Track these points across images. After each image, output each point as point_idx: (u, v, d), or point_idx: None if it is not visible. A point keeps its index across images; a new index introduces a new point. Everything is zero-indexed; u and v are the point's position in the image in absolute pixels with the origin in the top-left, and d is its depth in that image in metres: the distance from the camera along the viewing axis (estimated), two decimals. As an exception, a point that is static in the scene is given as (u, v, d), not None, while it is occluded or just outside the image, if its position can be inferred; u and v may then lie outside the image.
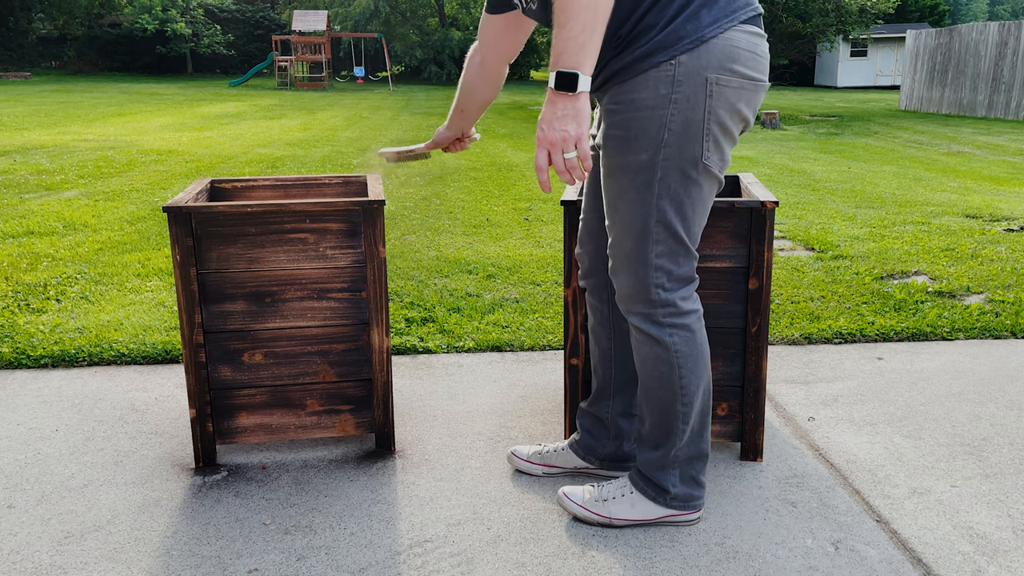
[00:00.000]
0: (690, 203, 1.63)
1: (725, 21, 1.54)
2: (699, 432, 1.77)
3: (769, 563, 1.71)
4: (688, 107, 1.55)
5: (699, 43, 1.53)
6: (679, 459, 1.78)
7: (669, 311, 1.68)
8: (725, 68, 1.55)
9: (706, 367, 1.74)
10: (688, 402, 1.73)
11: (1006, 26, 15.89)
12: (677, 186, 1.61)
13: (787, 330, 3.12)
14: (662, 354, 1.70)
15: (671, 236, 1.64)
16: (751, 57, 1.58)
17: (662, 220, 1.63)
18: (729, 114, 1.59)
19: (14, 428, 2.34)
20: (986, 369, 2.77)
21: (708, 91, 1.55)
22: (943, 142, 11.18)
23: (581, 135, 1.46)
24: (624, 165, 1.62)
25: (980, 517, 1.87)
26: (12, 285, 3.69)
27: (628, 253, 1.67)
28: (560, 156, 1.47)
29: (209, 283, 2.02)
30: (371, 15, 32.38)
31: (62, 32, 34.15)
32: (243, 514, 1.90)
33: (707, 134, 1.58)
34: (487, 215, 5.48)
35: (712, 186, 1.66)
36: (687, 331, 1.70)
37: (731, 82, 1.56)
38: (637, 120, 1.58)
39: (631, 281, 1.68)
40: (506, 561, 1.72)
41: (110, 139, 10.11)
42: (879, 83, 30.19)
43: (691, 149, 1.58)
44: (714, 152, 1.61)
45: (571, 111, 1.45)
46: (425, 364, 2.83)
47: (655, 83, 1.55)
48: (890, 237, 4.76)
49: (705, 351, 1.74)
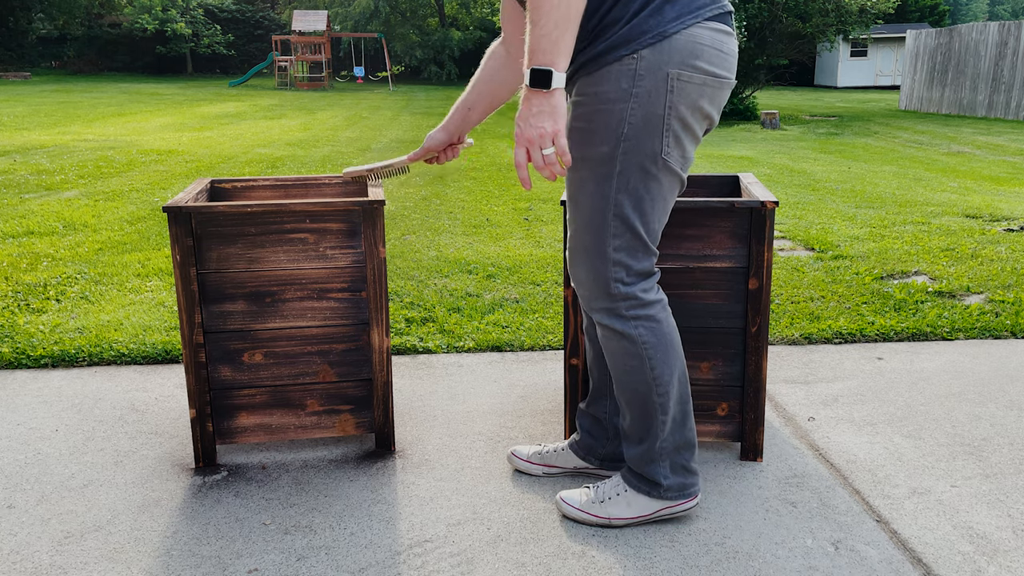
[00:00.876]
0: (649, 199, 1.63)
1: (689, 17, 1.55)
2: (681, 421, 1.77)
3: (769, 563, 1.71)
4: (648, 102, 1.55)
5: (661, 38, 1.53)
6: (666, 450, 1.77)
7: (631, 303, 1.68)
8: (687, 64, 1.55)
9: (677, 355, 1.74)
10: (664, 392, 1.73)
11: (1006, 26, 15.89)
12: (636, 181, 1.61)
13: (787, 330, 3.12)
14: (629, 347, 1.70)
15: (628, 231, 1.64)
16: (715, 54, 1.58)
17: (620, 214, 1.63)
18: (691, 110, 1.59)
19: (14, 428, 2.34)
20: (986, 369, 2.77)
21: (669, 86, 1.55)
22: (943, 142, 11.18)
23: (558, 131, 1.47)
24: (584, 158, 1.63)
25: (980, 517, 1.87)
26: (12, 285, 3.69)
27: (586, 246, 1.67)
28: (538, 152, 1.48)
29: (209, 283, 2.02)
30: (371, 15, 32.38)
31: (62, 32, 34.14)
32: (243, 514, 1.90)
33: (667, 129, 1.58)
34: (487, 215, 5.48)
35: (672, 183, 1.65)
36: (652, 321, 1.70)
37: (693, 78, 1.56)
38: (599, 113, 1.59)
39: (590, 276, 1.69)
40: (506, 561, 1.72)
41: (110, 139, 10.11)
42: (879, 83, 30.19)
43: (651, 144, 1.58)
44: (674, 148, 1.61)
45: (547, 108, 1.46)
46: (425, 364, 2.83)
47: (617, 76, 1.56)
48: (890, 237, 4.76)
49: (673, 339, 1.73)
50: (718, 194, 2.36)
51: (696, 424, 2.15)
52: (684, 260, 2.04)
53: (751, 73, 15.44)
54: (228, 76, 33.37)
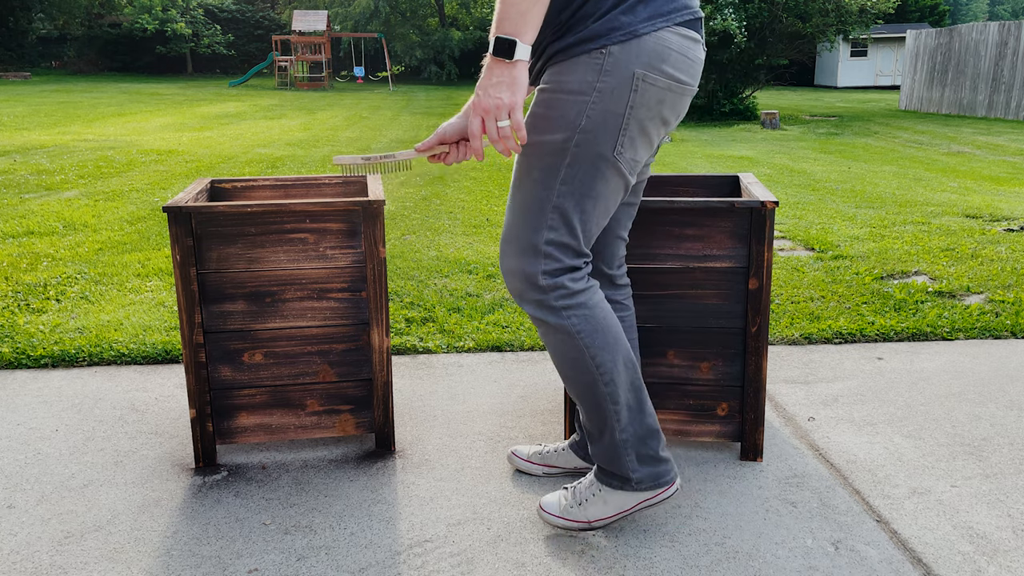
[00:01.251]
0: (592, 197, 1.60)
1: (660, 20, 1.53)
2: (638, 408, 1.72)
3: (769, 563, 1.71)
4: (611, 98, 1.53)
5: (631, 37, 1.52)
6: (628, 442, 1.72)
7: (560, 293, 1.64)
8: (654, 67, 1.53)
9: (617, 340, 1.69)
10: (609, 380, 1.68)
11: (1006, 26, 15.89)
12: (583, 176, 1.58)
13: (787, 330, 3.12)
14: (566, 339, 1.66)
15: (565, 226, 1.61)
16: (682, 59, 1.56)
17: (559, 207, 1.60)
18: (651, 114, 1.57)
19: (14, 428, 2.34)
20: (986, 369, 2.77)
21: (633, 86, 1.53)
22: (943, 142, 11.18)
23: (515, 104, 1.44)
24: (537, 143, 1.59)
25: (980, 517, 1.87)
26: (12, 285, 3.69)
27: (519, 235, 1.63)
28: (493, 123, 1.45)
29: (209, 283, 2.02)
30: (371, 15, 32.37)
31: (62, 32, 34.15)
32: (243, 514, 1.90)
33: (624, 129, 1.56)
34: (487, 215, 5.48)
35: (618, 186, 1.62)
36: (584, 308, 1.65)
37: (658, 81, 1.54)
38: (560, 101, 1.56)
39: (518, 265, 1.64)
40: (506, 561, 1.72)
41: (110, 139, 10.11)
42: (879, 83, 30.19)
43: (606, 141, 1.56)
44: (628, 149, 1.58)
45: (507, 78, 1.44)
46: (425, 364, 2.83)
47: (583, 68, 1.54)
48: (890, 237, 4.76)
49: (610, 323, 1.68)
50: (718, 194, 2.36)
51: (696, 424, 2.15)
52: (684, 260, 2.04)
53: (751, 73, 15.44)
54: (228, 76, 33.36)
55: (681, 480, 1.87)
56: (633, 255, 2.06)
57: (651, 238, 2.04)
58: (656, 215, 2.03)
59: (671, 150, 9.79)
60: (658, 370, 2.13)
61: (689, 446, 2.21)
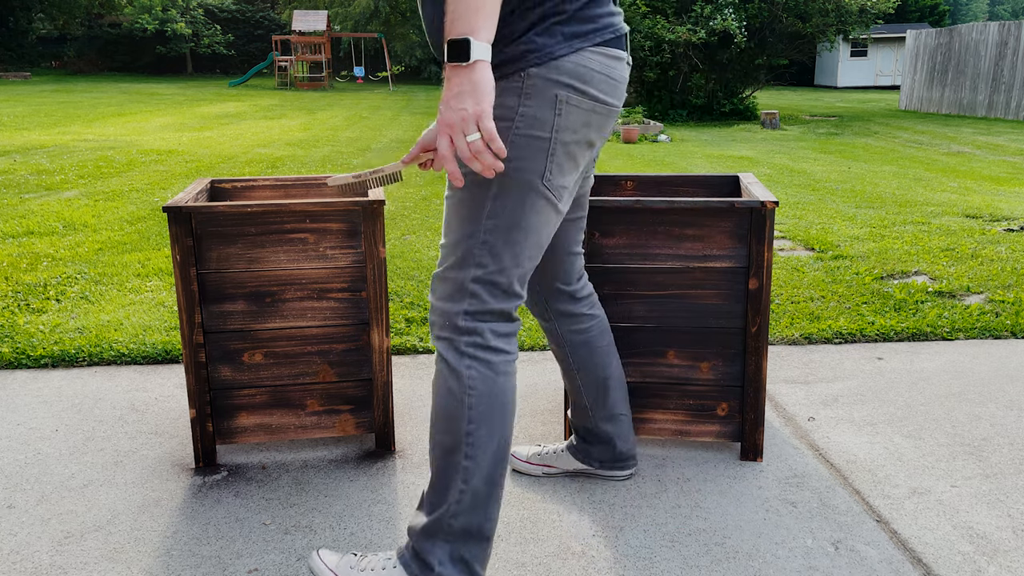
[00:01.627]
0: (523, 230, 1.48)
1: (579, 41, 1.45)
2: (483, 501, 1.50)
3: (769, 563, 1.71)
4: (534, 123, 1.44)
5: (550, 59, 1.43)
6: (452, 529, 1.49)
7: (473, 340, 1.49)
8: (576, 88, 1.45)
9: (503, 422, 1.50)
10: (472, 455, 1.48)
11: (1006, 26, 15.90)
12: (511, 208, 1.46)
13: (787, 330, 3.12)
14: (454, 387, 1.49)
15: (494, 263, 1.48)
16: (604, 80, 1.48)
17: (488, 243, 1.47)
18: (576, 137, 1.48)
19: (14, 428, 2.34)
20: (986, 369, 2.77)
21: (556, 109, 1.44)
22: (943, 142, 11.18)
23: (481, 112, 1.28)
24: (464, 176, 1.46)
25: (980, 517, 1.87)
26: (12, 285, 3.69)
27: (447, 271, 1.51)
28: (462, 139, 1.30)
29: (209, 283, 2.02)
30: (371, 15, 32.38)
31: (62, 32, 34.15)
32: (243, 514, 1.90)
33: (551, 155, 1.46)
34: (487, 215, 5.47)
35: (549, 216, 1.50)
36: (488, 368, 1.49)
37: (582, 103, 1.46)
38: None
39: (443, 302, 1.51)
40: (506, 561, 1.72)
41: (110, 139, 10.11)
42: (879, 83, 30.19)
43: (533, 169, 1.45)
44: (557, 176, 1.48)
45: (467, 86, 1.28)
46: (425, 364, 2.83)
47: (503, 94, 1.44)
48: (890, 237, 4.76)
49: (505, 403, 1.50)
50: (718, 194, 2.36)
51: (696, 424, 2.15)
52: (684, 260, 2.04)
53: (751, 73, 15.44)
54: (228, 76, 33.37)
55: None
56: (633, 255, 2.06)
57: (651, 238, 2.04)
58: (656, 215, 2.03)
59: (671, 150, 9.79)
60: (658, 370, 2.13)
61: (689, 446, 2.22)
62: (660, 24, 13.64)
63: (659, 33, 13.56)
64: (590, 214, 2.04)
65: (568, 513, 1.90)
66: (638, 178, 2.42)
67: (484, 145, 1.30)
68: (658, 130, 11.55)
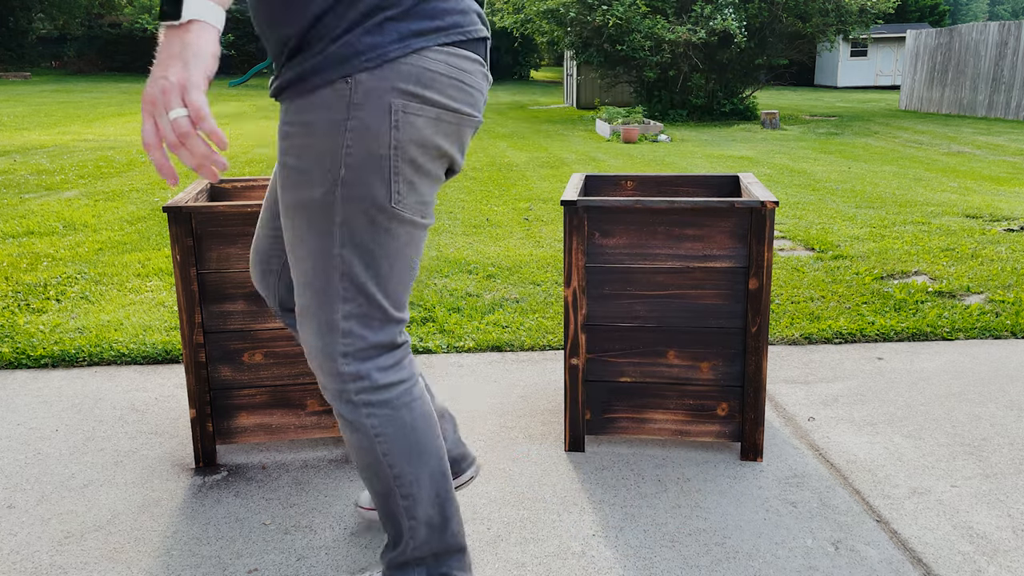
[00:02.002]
0: (383, 255, 1.33)
1: (419, 40, 1.26)
2: (439, 524, 1.45)
3: (769, 563, 1.71)
4: (369, 137, 1.25)
5: (381, 61, 1.24)
6: (420, 556, 1.46)
7: (362, 386, 1.36)
8: (414, 94, 1.26)
9: (425, 448, 1.42)
10: (408, 494, 1.41)
11: (1006, 26, 15.90)
12: (363, 234, 1.30)
13: (787, 330, 3.12)
14: (363, 441, 1.39)
15: (361, 294, 1.33)
16: (452, 84, 1.29)
17: (348, 274, 1.31)
18: (422, 149, 1.30)
19: (14, 428, 2.34)
20: (986, 369, 2.77)
21: (393, 120, 1.25)
22: (943, 142, 11.18)
23: (186, 82, 1.03)
24: (299, 203, 1.30)
25: (980, 517, 1.87)
26: (12, 285, 3.69)
27: (312, 311, 1.35)
28: (165, 119, 1.03)
29: (209, 283, 2.02)
30: (371, 15, 32.34)
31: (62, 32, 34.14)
32: (243, 514, 1.90)
33: (395, 172, 1.28)
34: (487, 215, 5.48)
35: (412, 234, 1.36)
36: (388, 409, 1.37)
37: (423, 111, 1.28)
38: (309, 149, 1.28)
39: (316, 346, 1.36)
40: (506, 561, 1.72)
41: (110, 139, 10.11)
42: (879, 83, 30.19)
43: (376, 189, 1.28)
44: (408, 194, 1.31)
45: (176, 49, 1.04)
46: (425, 364, 2.83)
47: (328, 104, 1.25)
48: (890, 237, 4.76)
49: (420, 428, 1.41)
50: (718, 194, 2.36)
51: (696, 424, 2.15)
52: (684, 260, 2.04)
53: (751, 73, 15.44)
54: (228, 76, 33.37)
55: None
56: (633, 255, 2.06)
57: (651, 238, 2.04)
58: (656, 215, 2.03)
59: (671, 150, 9.79)
60: (658, 370, 2.13)
61: (689, 446, 2.22)
62: (660, 24, 13.64)
63: (659, 33, 13.56)
64: (591, 214, 2.04)
65: (568, 513, 1.90)
66: (638, 178, 2.42)
67: (188, 125, 1.03)
68: (658, 130, 11.55)
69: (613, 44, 14.39)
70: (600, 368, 2.15)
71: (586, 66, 17.07)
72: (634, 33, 13.79)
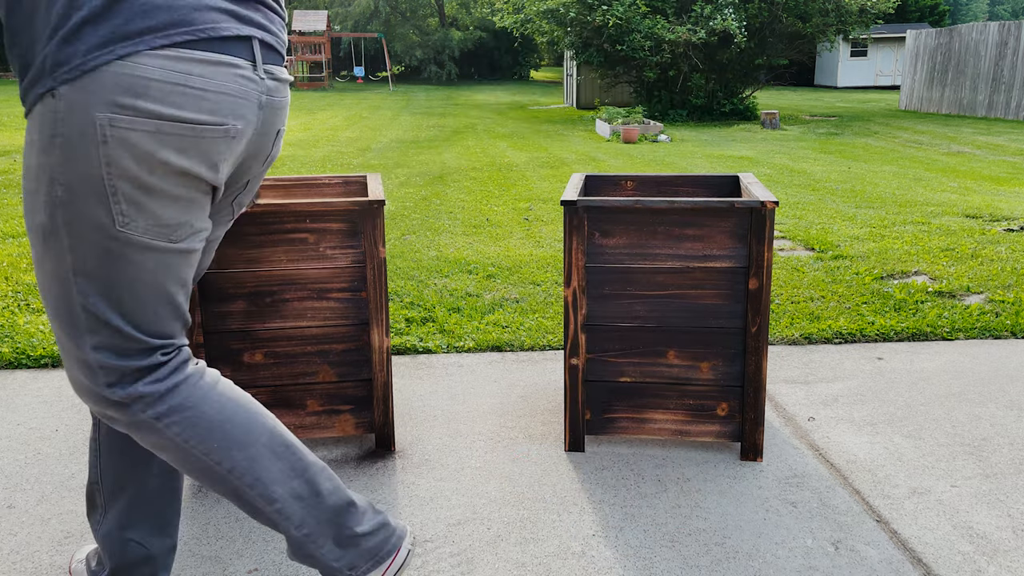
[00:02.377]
0: (124, 284, 1.22)
1: (125, 44, 1.13)
2: (311, 493, 1.37)
3: (769, 563, 1.71)
4: (76, 157, 1.15)
5: (80, 72, 1.13)
6: (313, 534, 1.38)
7: (143, 404, 1.26)
8: (123, 105, 1.14)
9: (247, 429, 1.33)
10: (251, 483, 1.33)
11: (1006, 26, 15.90)
12: (94, 262, 1.20)
13: (787, 330, 3.12)
14: (176, 453, 1.30)
15: (105, 327, 1.23)
16: (176, 91, 1.16)
17: (86, 306, 1.22)
18: (146, 167, 1.17)
19: (14, 428, 2.34)
20: (986, 369, 2.77)
21: (100, 136, 1.14)
22: (943, 142, 11.18)
23: None
24: (31, 227, 1.22)
25: (980, 517, 1.87)
26: (12, 285, 3.70)
27: (64, 346, 1.26)
28: None
29: (209, 283, 2.02)
30: (371, 15, 32.39)
31: (62, 32, 34.13)
32: (243, 514, 1.90)
33: (112, 192, 1.17)
34: (487, 215, 5.48)
35: (159, 261, 1.24)
36: (182, 412, 1.28)
37: (136, 124, 1.15)
38: (31, 169, 1.19)
39: (78, 381, 1.28)
40: (506, 561, 1.72)
41: (110, 139, 10.09)
42: (879, 83, 30.19)
43: (95, 213, 1.17)
44: (136, 217, 1.19)
45: None
46: (425, 364, 2.83)
47: (41, 121, 1.16)
48: (890, 237, 4.76)
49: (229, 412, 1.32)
50: (718, 194, 2.36)
51: (696, 424, 2.15)
52: (684, 260, 2.05)
53: (751, 73, 15.45)
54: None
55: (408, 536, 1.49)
56: (633, 255, 2.06)
57: (651, 238, 2.04)
58: (656, 215, 2.03)
59: (671, 150, 9.80)
60: (658, 370, 2.13)
61: (689, 446, 2.22)
62: (660, 24, 13.64)
63: (659, 33, 13.56)
64: (591, 214, 2.04)
65: (568, 513, 1.90)
66: (638, 178, 2.42)
67: None
68: (658, 130, 11.55)
69: (613, 44, 14.40)
70: (600, 368, 2.15)
71: (586, 66, 17.07)
72: (634, 33, 13.79)
